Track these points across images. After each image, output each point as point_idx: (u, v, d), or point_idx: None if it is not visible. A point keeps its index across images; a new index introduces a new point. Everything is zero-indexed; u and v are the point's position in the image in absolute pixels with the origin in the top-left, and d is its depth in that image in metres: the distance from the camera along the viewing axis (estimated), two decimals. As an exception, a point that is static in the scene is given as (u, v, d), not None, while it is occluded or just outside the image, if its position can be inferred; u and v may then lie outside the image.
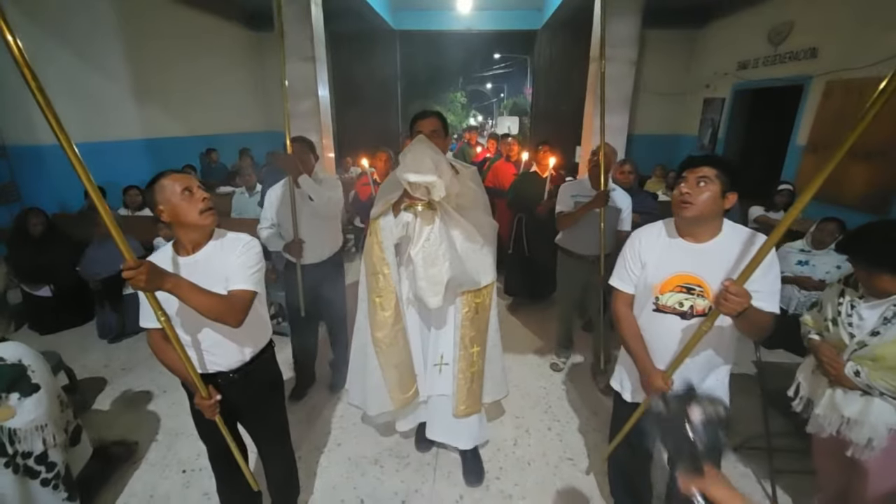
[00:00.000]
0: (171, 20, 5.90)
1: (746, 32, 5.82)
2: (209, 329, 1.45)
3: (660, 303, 1.47)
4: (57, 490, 1.72)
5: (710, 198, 1.35)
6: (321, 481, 2.14)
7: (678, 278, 1.43)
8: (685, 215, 1.39)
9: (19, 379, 1.63)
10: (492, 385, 2.05)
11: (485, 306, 1.92)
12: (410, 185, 1.57)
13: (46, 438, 1.67)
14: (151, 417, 2.59)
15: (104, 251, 3.44)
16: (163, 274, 1.22)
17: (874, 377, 1.42)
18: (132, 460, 2.26)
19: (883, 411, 1.44)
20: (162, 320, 1.28)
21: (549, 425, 2.55)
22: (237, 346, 1.51)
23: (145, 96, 5.45)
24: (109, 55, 4.97)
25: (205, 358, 1.48)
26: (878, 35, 3.91)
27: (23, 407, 1.62)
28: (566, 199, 2.73)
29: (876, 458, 1.47)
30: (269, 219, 2.56)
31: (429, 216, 1.64)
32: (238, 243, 1.46)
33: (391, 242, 1.75)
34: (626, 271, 1.58)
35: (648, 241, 1.54)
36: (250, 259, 1.44)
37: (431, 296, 1.67)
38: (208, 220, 1.40)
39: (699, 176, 1.36)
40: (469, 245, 1.75)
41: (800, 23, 4.97)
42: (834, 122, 4.40)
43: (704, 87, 6.77)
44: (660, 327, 1.48)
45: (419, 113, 1.83)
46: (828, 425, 1.56)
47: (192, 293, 1.28)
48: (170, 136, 5.95)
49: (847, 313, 1.53)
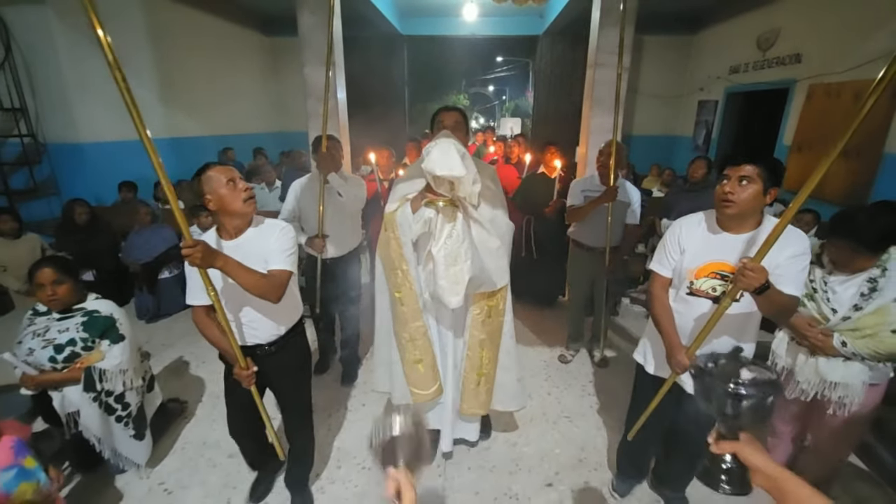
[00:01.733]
0: (193, 28, 6.25)
1: (737, 39, 6.14)
2: (249, 305, 1.61)
3: (694, 287, 1.55)
4: (127, 427, 2.04)
5: (752, 196, 1.40)
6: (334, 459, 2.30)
7: (714, 265, 1.51)
8: (727, 213, 1.45)
9: (110, 328, 1.96)
10: (503, 394, 2.02)
11: (498, 310, 1.89)
12: (435, 179, 1.54)
13: (126, 381, 1.99)
14: (196, 382, 2.91)
15: (143, 239, 3.77)
16: (215, 253, 1.37)
17: (858, 345, 1.64)
18: (184, 415, 2.58)
19: (858, 371, 1.69)
20: (212, 294, 1.42)
21: (549, 391, 2.86)
22: (273, 321, 1.66)
23: (170, 99, 5.79)
24: (141, 62, 5.30)
25: (244, 331, 1.64)
26: (856, 42, 4.22)
27: (111, 352, 1.94)
28: (576, 194, 2.86)
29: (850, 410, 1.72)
30: (289, 210, 2.60)
31: (451, 213, 1.60)
32: (276, 228, 1.61)
33: (409, 238, 1.72)
34: (666, 256, 1.65)
35: (689, 229, 1.61)
36: (287, 242, 1.59)
37: (452, 295, 1.63)
38: (250, 207, 1.55)
39: (741, 175, 1.41)
40: (488, 244, 1.73)
41: (786, 30, 5.28)
42: (816, 124, 4.71)
43: (699, 91, 7.08)
44: (692, 309, 1.57)
45: (443, 107, 1.89)
46: (811, 390, 1.78)
47: (240, 271, 1.42)
48: (191, 136, 6.29)
49: (822, 289, 1.71)
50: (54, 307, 1.92)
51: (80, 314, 1.95)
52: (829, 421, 1.80)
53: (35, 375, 1.86)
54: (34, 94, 4.40)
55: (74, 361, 1.90)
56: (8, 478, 1.51)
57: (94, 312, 1.97)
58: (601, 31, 4.06)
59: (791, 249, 1.40)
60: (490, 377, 1.94)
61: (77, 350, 1.90)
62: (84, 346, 1.91)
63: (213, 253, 1.36)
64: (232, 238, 1.57)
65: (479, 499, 2.04)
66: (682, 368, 1.51)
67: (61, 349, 1.88)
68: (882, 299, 1.62)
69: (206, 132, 6.64)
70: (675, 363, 1.53)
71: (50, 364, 1.87)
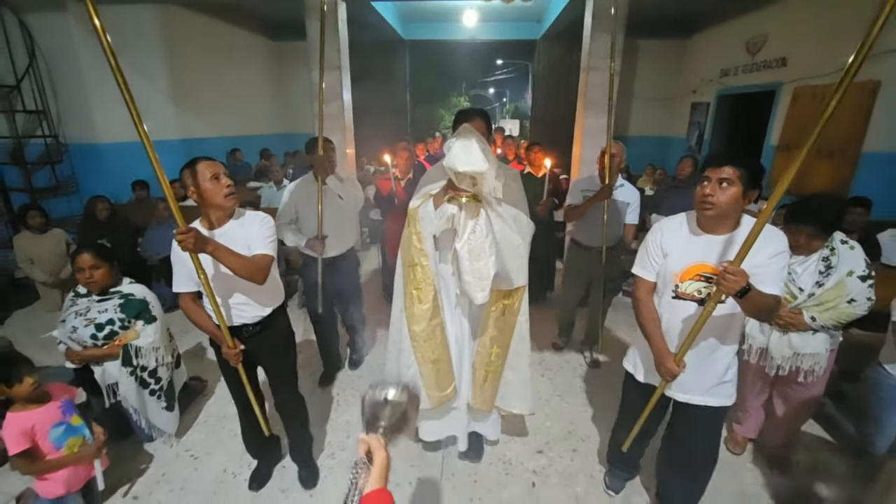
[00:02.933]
0: (202, 32, 6.48)
1: (728, 43, 6.35)
2: (236, 288, 1.72)
3: (679, 290, 1.55)
4: (159, 399, 2.26)
5: (731, 198, 1.41)
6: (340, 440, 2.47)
7: (698, 268, 1.51)
8: (707, 214, 1.46)
9: (144, 310, 2.18)
10: (510, 393, 2.03)
11: (513, 310, 1.89)
12: (457, 175, 1.53)
13: (158, 358, 2.21)
14: (213, 364, 3.07)
15: (160, 234, 3.99)
16: (205, 239, 1.47)
17: (824, 318, 1.89)
18: (204, 393, 2.80)
19: (823, 341, 1.94)
20: (202, 277, 1.54)
21: (542, 373, 3.07)
22: (258, 303, 1.78)
23: (181, 101, 6.02)
24: (154, 66, 5.54)
25: (231, 312, 1.75)
26: (837, 46, 4.44)
27: (145, 331, 2.16)
28: (576, 193, 2.90)
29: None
30: (288, 214, 2.60)
31: (474, 208, 1.59)
32: (256, 218, 1.74)
33: (430, 233, 1.73)
34: (649, 260, 1.65)
35: (671, 232, 1.61)
36: (267, 231, 1.71)
37: (478, 291, 1.63)
38: (231, 202, 1.64)
39: (721, 177, 1.41)
40: (510, 241, 1.73)
41: (773, 35, 5.50)
42: (800, 125, 4.93)
43: (691, 93, 7.29)
44: (679, 313, 1.57)
45: (464, 111, 1.86)
46: (785, 364, 2.00)
47: (229, 255, 1.54)
48: (200, 137, 6.51)
49: (787, 271, 1.93)
50: (92, 289, 2.14)
51: (117, 297, 2.17)
52: (795, 388, 2.04)
53: (79, 351, 2.08)
54: (56, 97, 4.65)
55: (113, 339, 2.12)
56: (58, 433, 1.74)
57: (129, 295, 2.19)
58: (593, 35, 4.28)
59: (770, 248, 1.41)
60: (497, 374, 1.95)
61: (115, 329, 2.12)
62: (121, 325, 2.13)
63: (204, 239, 1.47)
64: (213, 228, 1.67)
65: (475, 463, 2.25)
66: (671, 376, 1.51)
67: (102, 328, 2.10)
68: (838, 274, 1.88)
69: (215, 133, 6.87)
70: (664, 370, 1.52)
71: (92, 341, 2.09)
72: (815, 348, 1.94)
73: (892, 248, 3.35)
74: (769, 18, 5.55)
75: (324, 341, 2.93)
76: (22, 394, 1.61)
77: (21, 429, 1.61)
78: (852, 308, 1.88)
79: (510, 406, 2.06)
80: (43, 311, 3.99)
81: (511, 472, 2.22)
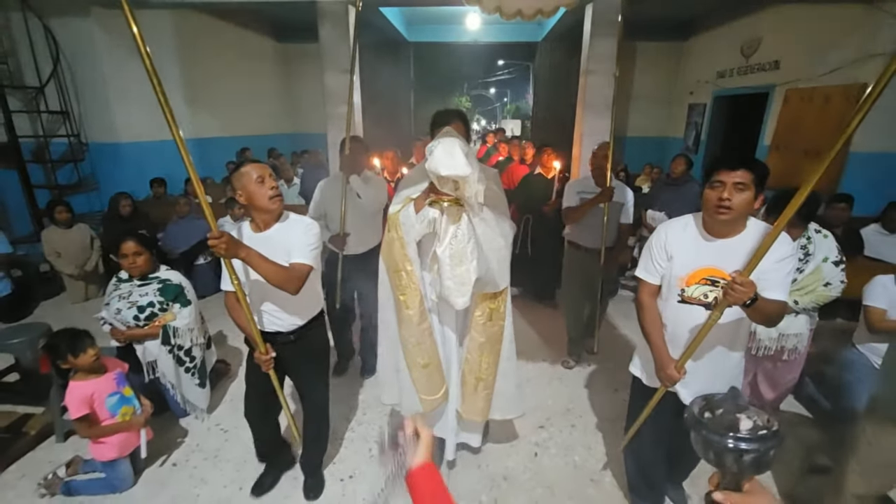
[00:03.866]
0: (215, 36, 6.68)
1: (723, 46, 6.54)
2: (271, 294, 1.68)
3: (685, 294, 1.52)
4: (193, 377, 2.47)
5: (746, 202, 1.39)
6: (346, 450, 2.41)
7: (704, 271, 1.48)
8: (723, 219, 1.41)
9: (180, 294, 2.39)
10: (502, 401, 1.99)
11: (499, 313, 1.86)
12: (440, 179, 1.49)
13: (192, 338, 2.42)
14: (235, 350, 3.34)
15: (180, 229, 4.20)
16: (238, 244, 1.47)
17: (805, 301, 2.09)
18: (229, 375, 3.01)
19: (805, 321, 2.15)
20: (235, 283, 1.52)
21: (544, 358, 3.27)
22: (293, 312, 1.76)
23: (195, 102, 6.23)
24: (169, 68, 5.72)
25: (265, 319, 1.75)
26: (826, 51, 4.64)
27: (181, 313, 2.37)
28: (572, 196, 2.87)
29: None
30: (318, 210, 2.66)
31: (455, 213, 1.58)
32: (301, 224, 1.69)
33: (413, 238, 1.70)
34: (653, 263, 1.62)
35: (675, 235, 1.57)
36: (310, 238, 1.66)
37: (458, 296, 1.62)
38: (275, 205, 1.62)
39: (736, 181, 1.37)
40: (493, 244, 1.71)
41: (767, 38, 5.69)
42: (791, 125, 5.12)
43: (689, 94, 7.48)
44: (685, 317, 1.53)
45: (441, 113, 1.81)
46: (772, 345, 2.17)
47: (261, 262, 1.51)
48: (213, 137, 6.72)
49: None
50: (134, 274, 2.35)
51: (156, 281, 2.38)
52: (778, 367, 2.25)
53: (124, 330, 2.28)
54: (78, 98, 4.85)
55: (153, 320, 2.33)
56: (112, 402, 1.95)
57: (166, 280, 2.40)
58: (592, 40, 4.47)
59: (777, 253, 1.38)
60: (489, 383, 1.92)
61: (155, 311, 2.33)
62: (161, 307, 2.34)
63: (236, 244, 1.46)
64: (261, 230, 1.67)
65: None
66: (671, 382, 1.51)
67: (143, 309, 2.30)
68: (815, 261, 2.10)
69: (225, 133, 7.08)
70: (664, 377, 1.52)
71: (134, 321, 2.30)
72: (798, 328, 2.15)
73: (876, 242, 3.56)
74: (763, 22, 5.74)
75: (338, 331, 2.98)
76: (84, 364, 1.82)
77: (82, 396, 1.82)
78: (828, 291, 2.09)
79: (504, 414, 2.04)
80: (68, 302, 4.20)
81: (515, 444, 2.42)
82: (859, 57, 4.29)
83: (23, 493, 2.07)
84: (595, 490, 2.15)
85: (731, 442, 0.73)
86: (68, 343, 1.80)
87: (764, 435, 0.73)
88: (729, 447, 0.73)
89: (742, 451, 0.72)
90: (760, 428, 0.74)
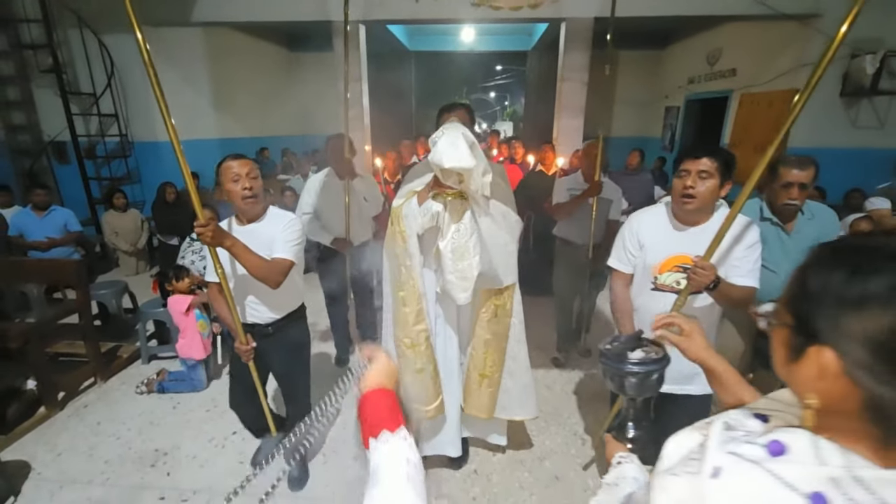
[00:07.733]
0: (238, 48, 7.47)
1: (693, 54, 7.28)
2: (252, 286, 1.69)
3: (658, 282, 1.56)
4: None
5: (711, 190, 1.42)
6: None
7: (675, 259, 1.52)
8: (689, 209, 1.45)
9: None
10: (510, 400, 1.93)
11: (506, 310, 1.83)
12: (443, 172, 1.44)
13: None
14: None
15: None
16: (224, 233, 1.49)
17: None
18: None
19: None
20: (219, 272, 1.55)
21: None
22: (273, 305, 1.77)
23: (220, 106, 7.00)
24: (199, 76, 6.50)
25: (246, 310, 1.76)
26: (771, 60, 5.38)
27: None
28: (562, 192, 2.88)
29: None
30: (305, 207, 2.64)
31: (458, 206, 1.55)
32: (283, 219, 1.71)
33: (414, 231, 1.67)
34: (625, 252, 1.65)
35: (647, 223, 1.61)
36: (292, 234, 1.69)
37: (460, 291, 1.60)
38: (247, 205, 1.61)
39: (700, 170, 1.41)
40: (497, 239, 1.68)
41: (726, 49, 6.44)
42: (744, 126, 5.86)
43: (665, 98, 8.23)
44: (659, 305, 1.55)
45: (447, 105, 1.78)
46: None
47: (245, 253, 1.52)
48: (235, 137, 7.50)
49: None
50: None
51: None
52: None
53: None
54: (126, 103, 5.63)
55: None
56: (196, 313, 2.71)
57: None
58: (566, 52, 5.23)
59: (747, 240, 1.44)
60: (494, 381, 1.88)
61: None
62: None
63: (222, 233, 1.49)
64: (243, 224, 1.71)
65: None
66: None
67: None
68: None
69: (246, 134, 7.86)
70: None
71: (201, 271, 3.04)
72: None
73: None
74: (724, 34, 6.48)
75: (335, 322, 3.06)
76: (182, 288, 2.59)
77: (181, 306, 2.59)
78: None
79: (512, 414, 1.98)
80: (122, 276, 4.96)
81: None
82: (795, 66, 5.03)
83: (126, 394, 2.83)
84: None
85: (619, 366, 0.85)
86: (175, 272, 2.57)
87: (646, 360, 0.85)
88: (617, 371, 0.86)
89: (625, 374, 0.85)
90: (647, 357, 0.86)
